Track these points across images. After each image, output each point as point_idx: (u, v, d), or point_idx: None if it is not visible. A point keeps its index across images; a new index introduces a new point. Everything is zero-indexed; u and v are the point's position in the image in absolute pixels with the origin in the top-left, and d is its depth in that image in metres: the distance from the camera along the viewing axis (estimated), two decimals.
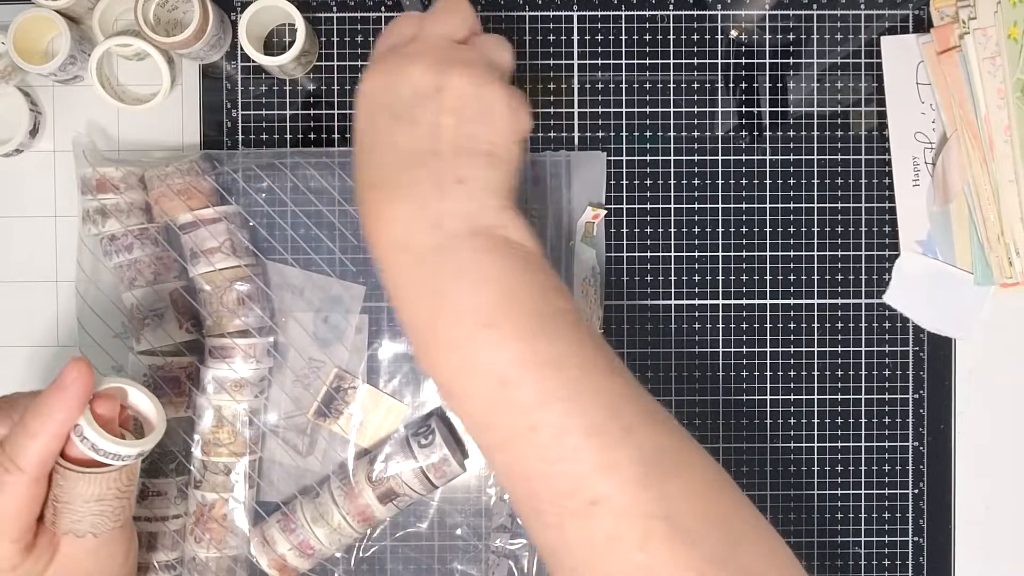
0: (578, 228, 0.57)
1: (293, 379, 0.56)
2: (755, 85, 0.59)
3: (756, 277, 0.59)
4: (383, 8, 0.58)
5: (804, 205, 0.59)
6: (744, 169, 0.59)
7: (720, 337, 0.59)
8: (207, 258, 0.54)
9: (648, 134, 0.58)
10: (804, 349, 0.59)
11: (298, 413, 0.56)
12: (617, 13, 0.58)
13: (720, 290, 0.59)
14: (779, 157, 0.59)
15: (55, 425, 0.41)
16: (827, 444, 0.59)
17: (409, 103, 0.40)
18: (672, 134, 0.58)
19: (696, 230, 0.58)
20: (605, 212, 0.57)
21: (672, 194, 0.58)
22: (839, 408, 0.59)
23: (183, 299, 0.54)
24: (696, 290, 0.59)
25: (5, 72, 0.56)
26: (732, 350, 0.59)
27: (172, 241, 0.55)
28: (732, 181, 0.59)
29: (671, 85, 0.58)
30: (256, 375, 0.54)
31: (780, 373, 0.59)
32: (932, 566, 0.59)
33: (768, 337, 0.59)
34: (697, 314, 0.59)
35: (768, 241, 0.59)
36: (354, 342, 0.56)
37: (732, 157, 0.59)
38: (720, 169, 0.58)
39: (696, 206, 0.58)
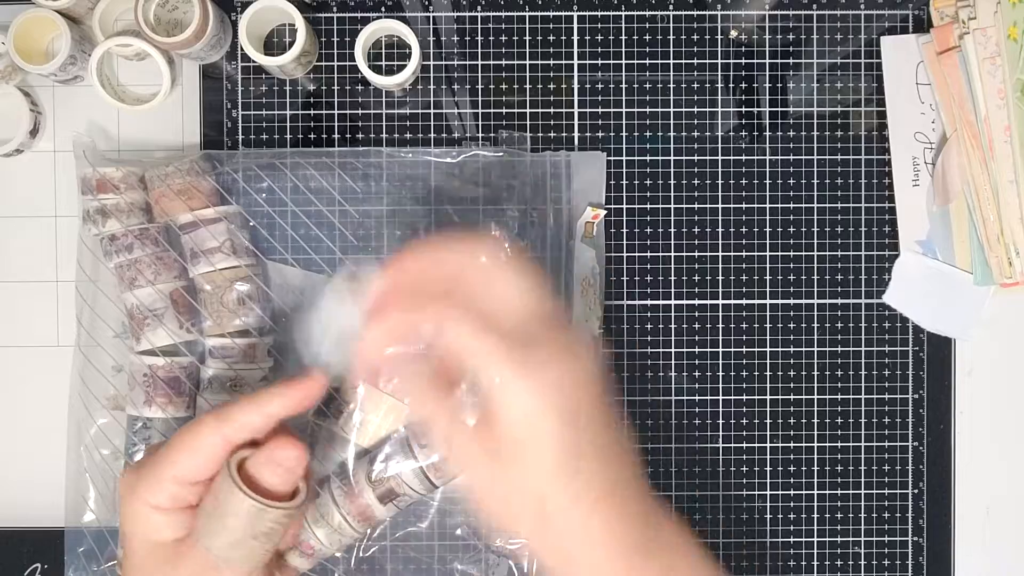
0: (578, 228, 0.57)
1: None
2: (755, 85, 0.59)
3: (756, 277, 0.59)
4: (383, 8, 0.58)
5: (804, 205, 0.59)
6: (744, 169, 0.59)
7: (720, 337, 0.59)
8: (207, 258, 0.54)
9: (648, 134, 0.58)
10: (804, 349, 0.59)
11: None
12: (617, 13, 0.58)
13: (720, 290, 0.59)
14: (779, 157, 0.59)
15: (271, 406, 0.44)
16: (827, 444, 0.59)
17: None
18: (672, 134, 0.58)
19: (696, 230, 0.58)
20: (605, 212, 0.57)
21: (672, 194, 0.58)
22: (839, 408, 0.59)
23: (183, 299, 0.54)
24: (696, 290, 0.59)
25: (5, 72, 0.56)
26: (732, 350, 0.59)
27: (172, 241, 0.55)
28: (732, 181, 0.59)
29: (671, 85, 0.58)
30: (256, 375, 0.54)
31: (780, 373, 0.59)
32: (932, 566, 0.59)
33: (768, 337, 0.59)
34: (697, 314, 0.59)
35: (768, 241, 0.59)
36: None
37: (732, 157, 0.59)
38: (720, 169, 0.58)
39: (696, 206, 0.58)
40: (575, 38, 0.58)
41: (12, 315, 0.58)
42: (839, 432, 0.59)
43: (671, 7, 0.58)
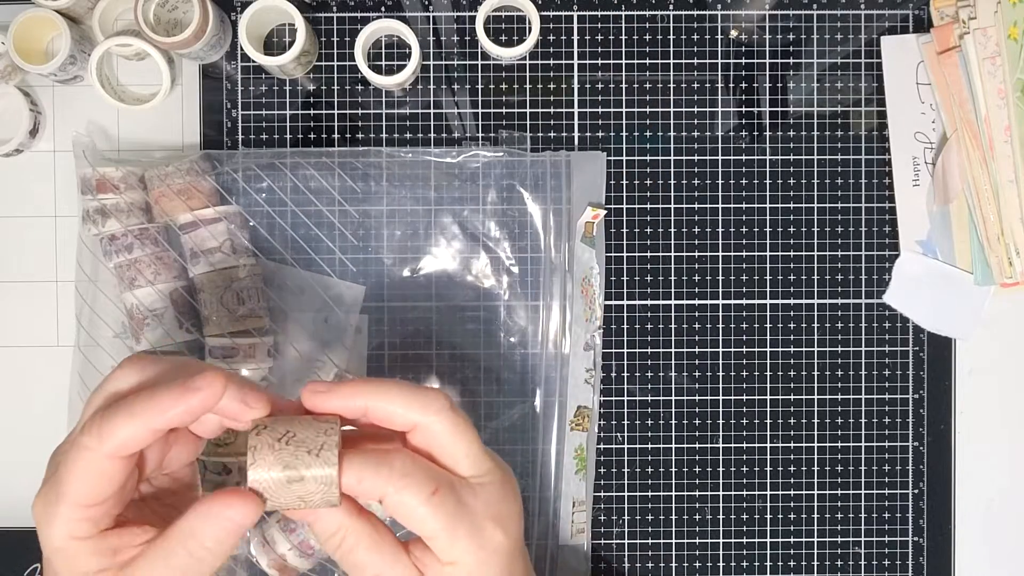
0: (578, 228, 0.57)
1: (293, 379, 0.56)
2: (755, 85, 0.59)
3: (756, 277, 0.59)
4: (383, 8, 0.58)
5: (804, 205, 0.59)
6: (744, 169, 0.59)
7: (720, 337, 0.59)
8: (207, 258, 0.54)
9: (648, 134, 0.58)
10: (804, 349, 0.59)
11: None
12: (617, 13, 0.58)
13: (720, 290, 0.59)
14: (779, 157, 0.59)
15: (154, 420, 0.38)
16: (827, 444, 0.59)
17: None
18: (672, 134, 0.58)
19: (696, 230, 0.58)
20: (605, 212, 0.57)
21: (672, 194, 0.58)
22: (839, 408, 0.59)
23: (183, 299, 0.54)
24: (696, 290, 0.59)
25: (5, 72, 0.56)
26: (732, 350, 0.59)
27: (172, 241, 0.55)
28: (732, 181, 0.59)
29: (671, 85, 0.58)
30: (256, 375, 0.54)
31: (780, 373, 0.59)
32: (932, 566, 0.59)
33: (768, 337, 0.59)
34: (697, 314, 0.59)
35: (768, 241, 0.59)
36: (354, 342, 0.56)
37: (732, 157, 0.59)
38: (720, 169, 0.58)
39: (696, 206, 0.58)
40: (575, 38, 0.58)
41: (12, 315, 0.58)
42: (839, 432, 0.59)
43: (671, 7, 0.58)
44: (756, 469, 0.59)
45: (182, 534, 0.38)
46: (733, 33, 0.59)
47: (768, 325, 0.59)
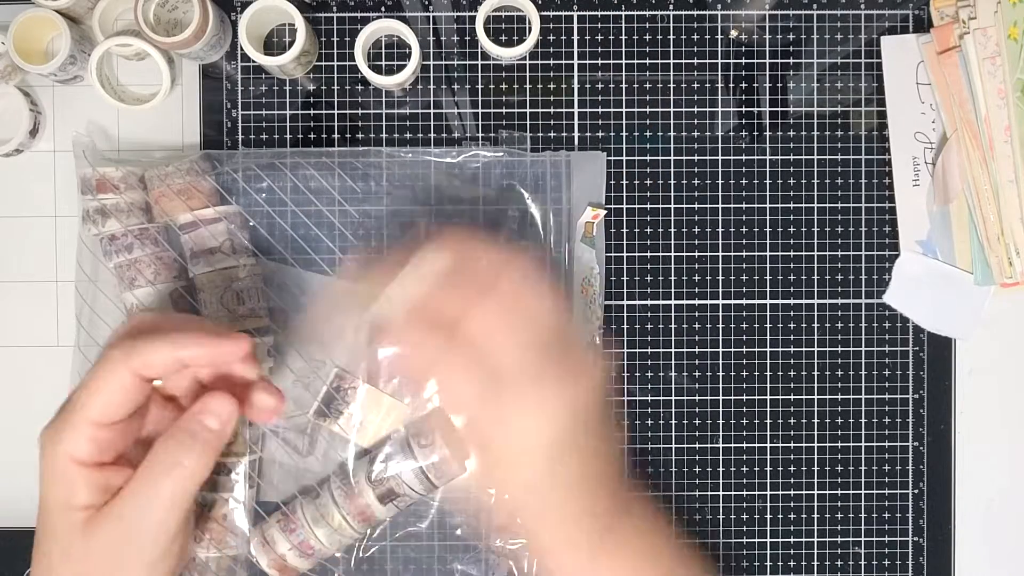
0: (578, 228, 0.57)
1: (293, 379, 0.56)
2: (755, 85, 0.59)
3: (756, 277, 0.59)
4: (383, 8, 0.58)
5: (804, 205, 0.59)
6: (744, 169, 0.59)
7: (720, 337, 0.59)
8: (207, 258, 0.54)
9: (648, 134, 0.58)
10: (804, 349, 0.59)
11: (298, 413, 0.56)
12: (617, 13, 0.58)
13: (720, 290, 0.59)
14: (779, 157, 0.59)
15: (184, 348, 0.42)
16: (827, 444, 0.59)
17: None
18: (672, 134, 0.58)
19: (696, 230, 0.58)
20: (605, 212, 0.57)
21: (672, 194, 0.58)
22: (839, 408, 0.59)
23: (183, 299, 0.54)
24: (696, 290, 0.59)
25: (5, 72, 0.56)
26: (732, 350, 0.59)
27: (172, 241, 0.55)
28: (732, 181, 0.59)
29: (671, 85, 0.58)
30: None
31: (780, 373, 0.59)
32: (932, 566, 0.59)
33: (768, 337, 0.59)
34: (697, 314, 0.59)
35: (768, 241, 0.59)
36: (354, 342, 0.56)
37: (732, 157, 0.59)
38: (720, 169, 0.58)
39: (696, 206, 0.58)
40: (575, 38, 0.58)
41: (12, 315, 0.58)
42: (839, 432, 0.59)
43: (671, 7, 0.58)
44: (756, 469, 0.59)
45: (162, 464, 0.42)
46: (733, 33, 0.59)
47: (768, 325, 0.59)
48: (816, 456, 0.59)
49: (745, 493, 0.59)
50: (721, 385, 0.59)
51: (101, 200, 0.53)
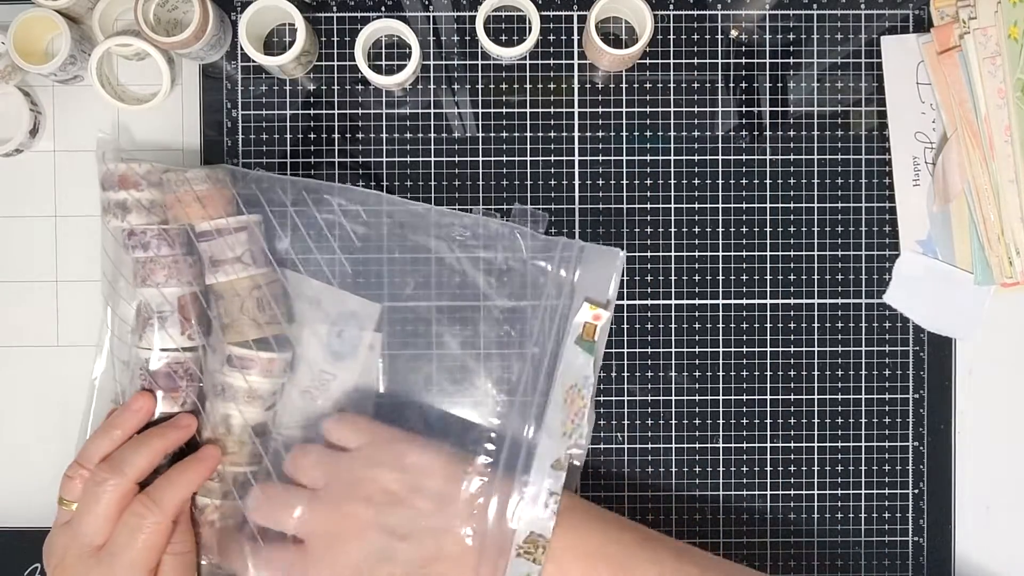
0: (573, 327, 0.55)
1: (301, 390, 0.55)
2: (755, 85, 0.59)
3: (756, 277, 0.59)
4: (383, 8, 0.58)
5: (804, 205, 0.59)
6: (744, 169, 0.59)
7: (720, 337, 0.59)
8: (225, 267, 0.53)
9: (648, 134, 0.58)
10: (804, 349, 0.59)
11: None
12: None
13: (720, 290, 0.59)
14: (779, 157, 0.59)
15: (191, 484, 0.52)
16: (827, 444, 0.59)
17: None
18: (672, 134, 0.58)
19: (696, 230, 0.58)
20: (609, 315, 0.55)
21: (672, 194, 0.58)
22: (839, 408, 0.59)
23: (191, 306, 0.54)
24: (696, 290, 0.59)
25: (5, 72, 0.56)
26: (732, 350, 0.59)
27: (190, 247, 0.54)
28: (732, 181, 0.59)
29: (671, 85, 0.58)
30: (270, 388, 0.54)
31: (780, 373, 0.59)
32: (932, 566, 0.59)
33: (768, 337, 0.59)
34: (697, 314, 0.59)
35: (768, 241, 0.59)
36: (367, 359, 0.56)
37: (732, 157, 0.59)
38: (720, 169, 0.58)
39: (696, 206, 0.58)
40: (575, 38, 0.58)
41: (12, 315, 0.58)
42: (839, 432, 0.59)
43: (671, 7, 0.58)
44: (756, 469, 0.59)
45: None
46: (733, 33, 0.59)
47: (768, 325, 0.59)
48: (816, 456, 0.59)
49: (745, 493, 0.59)
50: (721, 385, 0.59)
51: (123, 195, 0.53)
